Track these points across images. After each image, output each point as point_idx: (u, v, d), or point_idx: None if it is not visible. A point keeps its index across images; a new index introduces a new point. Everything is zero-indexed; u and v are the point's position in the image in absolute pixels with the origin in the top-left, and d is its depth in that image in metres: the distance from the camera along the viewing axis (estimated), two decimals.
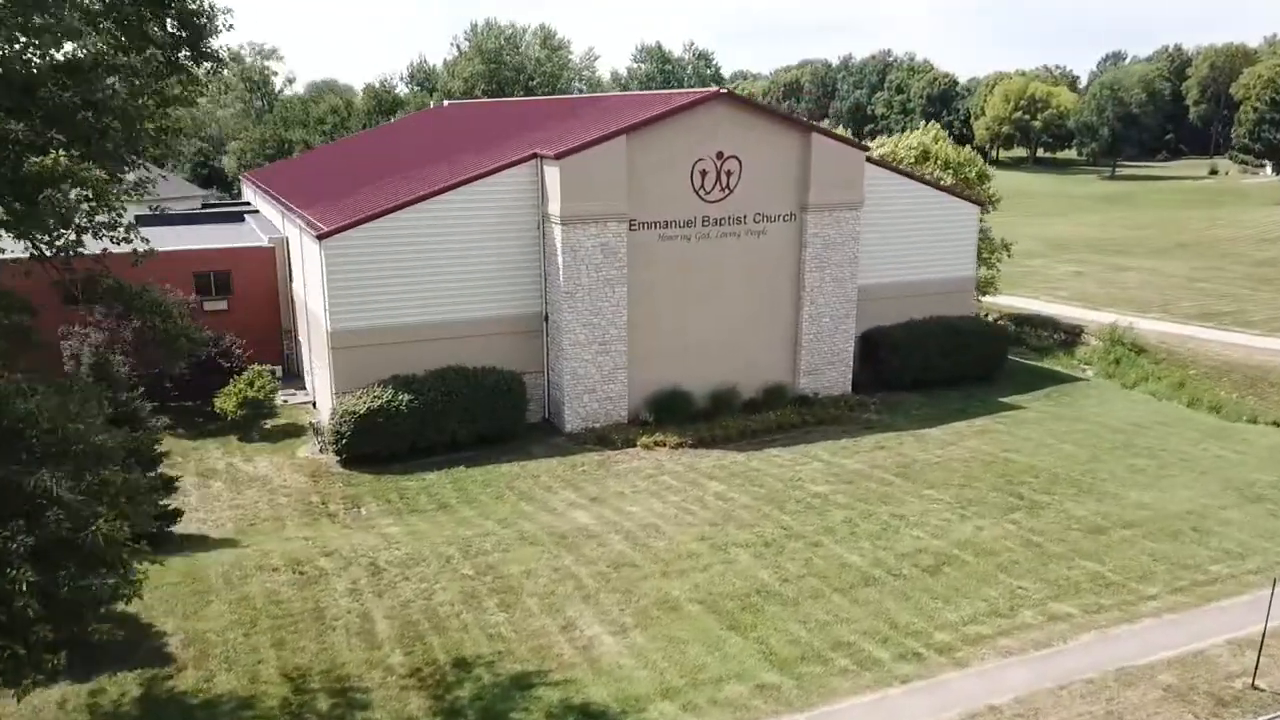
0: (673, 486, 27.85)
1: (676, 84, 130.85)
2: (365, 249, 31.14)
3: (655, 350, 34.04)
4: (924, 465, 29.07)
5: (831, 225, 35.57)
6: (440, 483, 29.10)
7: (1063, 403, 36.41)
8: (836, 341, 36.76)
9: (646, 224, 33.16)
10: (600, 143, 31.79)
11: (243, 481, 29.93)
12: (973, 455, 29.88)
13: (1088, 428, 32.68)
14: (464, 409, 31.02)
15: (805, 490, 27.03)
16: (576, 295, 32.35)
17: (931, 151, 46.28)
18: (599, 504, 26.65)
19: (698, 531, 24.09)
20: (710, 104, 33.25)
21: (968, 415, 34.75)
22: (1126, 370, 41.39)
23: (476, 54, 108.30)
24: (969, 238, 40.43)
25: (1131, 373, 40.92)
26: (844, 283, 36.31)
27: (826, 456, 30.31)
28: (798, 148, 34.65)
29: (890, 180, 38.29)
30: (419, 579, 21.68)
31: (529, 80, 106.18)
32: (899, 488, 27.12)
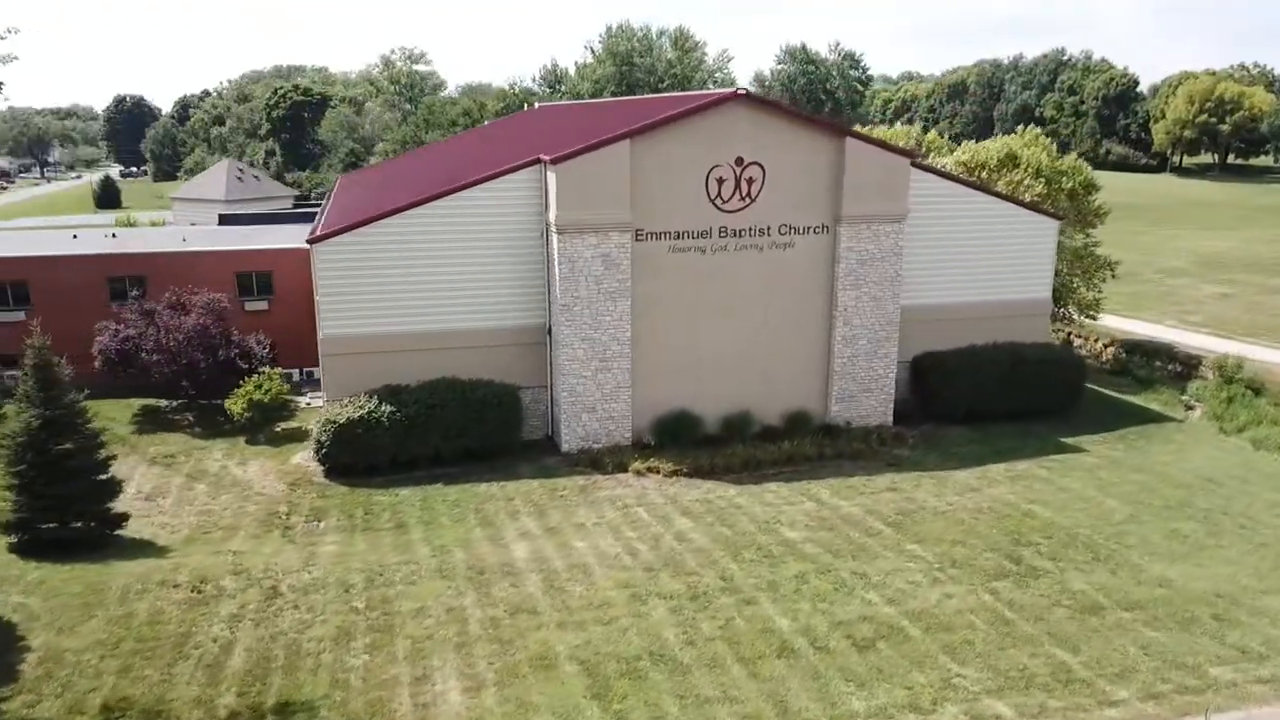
0: (639, 521, 25.68)
1: (820, 85, 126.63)
2: (357, 255, 30.41)
3: (663, 369, 31.84)
4: (927, 514, 25.71)
5: (869, 239, 32.33)
6: (410, 500, 27.98)
7: (1135, 447, 31.80)
8: (875, 367, 33.44)
9: (655, 234, 31.00)
10: (600, 147, 29.89)
11: (225, 486, 29.76)
12: (990, 505, 26.24)
13: (1145, 479, 28.24)
14: (449, 423, 29.80)
15: (776, 536, 24.30)
16: (574, 308, 30.57)
17: (1021, 157, 41.78)
18: (550, 536, 24.82)
19: (627, 577, 21.88)
20: (727, 106, 30.74)
21: (1014, 456, 30.83)
22: (1237, 411, 35.93)
23: (609, 56, 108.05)
24: (1044, 256, 36.11)
25: (1242, 415, 35.44)
26: (883, 303, 32.96)
27: (825, 496, 27.35)
28: (830, 153, 31.65)
29: (949, 191, 34.60)
30: (307, 608, 20.49)
31: (658, 82, 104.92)
32: (882, 539, 23.98)
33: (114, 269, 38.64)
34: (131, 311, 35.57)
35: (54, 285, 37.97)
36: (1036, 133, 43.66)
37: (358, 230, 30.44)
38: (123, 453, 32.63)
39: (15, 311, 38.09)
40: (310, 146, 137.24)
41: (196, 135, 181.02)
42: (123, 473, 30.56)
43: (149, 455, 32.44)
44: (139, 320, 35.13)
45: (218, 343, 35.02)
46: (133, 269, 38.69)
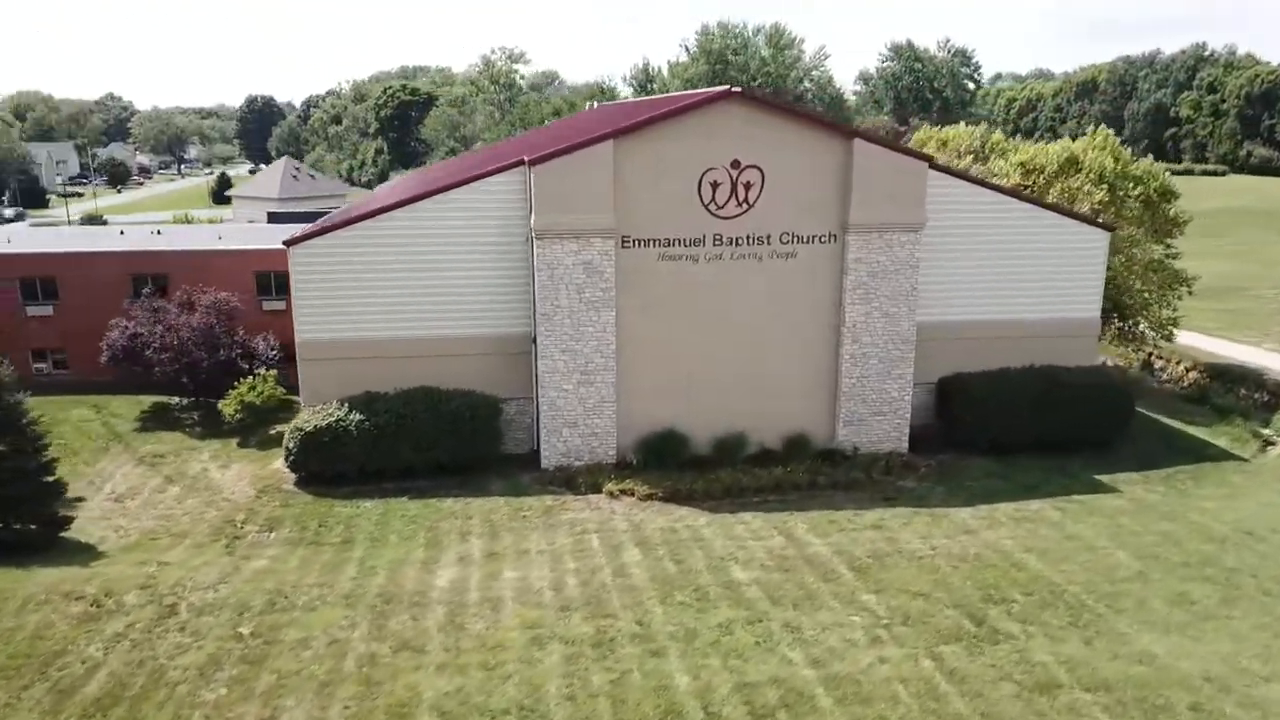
0: (587, 551, 23.93)
1: (927, 84, 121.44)
2: (335, 259, 29.61)
3: (650, 385, 29.95)
4: (902, 558, 23.09)
5: (881, 250, 29.67)
6: (370, 514, 26.99)
7: (1178, 489, 28.20)
8: (887, 389, 30.72)
9: (643, 241, 29.15)
10: (581, 148, 28.23)
11: (198, 489, 29.44)
12: (978, 552, 23.41)
13: (1172, 529, 24.81)
14: (419, 435, 28.67)
15: (722, 576, 22.16)
16: (555, 318, 29.01)
17: (1083, 162, 38.03)
18: (487, 562, 23.34)
19: (537, 616, 20.16)
20: (721, 105, 28.62)
21: (1033, 494, 27.72)
22: None
23: (702, 55, 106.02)
24: (1092, 270, 32.57)
25: None
26: (897, 319, 30.22)
27: (800, 531, 25.00)
28: (837, 156, 29.15)
29: (980, 197, 31.52)
30: (193, 631, 19.55)
31: (750, 81, 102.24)
32: (837, 586, 21.56)
33: (136, 267, 39.11)
34: (141, 309, 35.81)
35: (80, 282, 38.70)
36: (1106, 134, 39.69)
37: (334, 233, 29.65)
38: (115, 450, 32.90)
39: (45, 306, 38.96)
40: (415, 145, 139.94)
41: (317, 134, 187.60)
42: (108, 471, 30.82)
43: (140, 454, 32.50)
44: (146, 317, 35.31)
45: (221, 342, 34.90)
46: (154, 267, 39.10)
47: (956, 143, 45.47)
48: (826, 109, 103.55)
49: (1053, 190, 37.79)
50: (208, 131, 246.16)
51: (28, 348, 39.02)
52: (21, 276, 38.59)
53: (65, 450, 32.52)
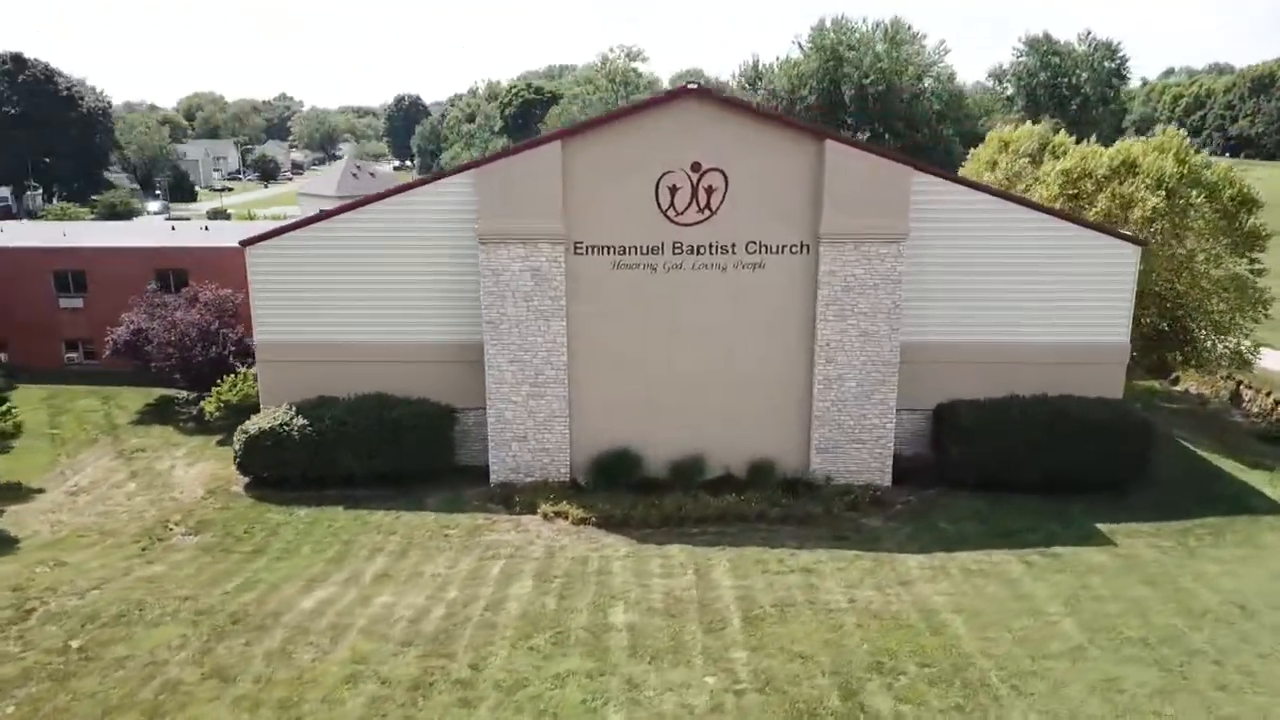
0: (480, 579, 22.54)
1: (1064, 80, 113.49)
2: (291, 260, 29.23)
3: (606, 401, 28.24)
4: (808, 610, 20.61)
5: (857, 262, 26.97)
6: (299, 522, 26.44)
7: (1186, 546, 24.39)
8: (866, 414, 27.96)
9: (596, 248, 27.44)
10: (528, 149, 26.78)
11: (156, 486, 29.63)
12: (901, 609, 20.67)
13: (1147, 597, 21.29)
14: (361, 442, 27.92)
15: (600, 617, 20.32)
16: (501, 326, 27.69)
17: (1141, 165, 33.79)
18: (374, 584, 22.27)
19: (373, 650, 18.88)
20: (679, 103, 26.57)
21: (1009, 541, 24.56)
22: None
23: (815, 51, 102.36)
24: (1119, 289, 28.71)
25: None
26: (876, 338, 27.43)
27: (720, 570, 22.83)
28: (808, 160, 26.64)
29: (979, 205, 28.24)
30: (26, 641, 19.21)
31: (863, 78, 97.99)
32: (715, 639, 19.36)
33: (160, 262, 40.08)
34: (145, 303, 36.58)
35: (108, 275, 39.94)
36: (1175, 133, 35.20)
37: (290, 234, 29.26)
38: (103, 443, 33.60)
39: (75, 298, 40.44)
40: None
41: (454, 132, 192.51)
42: (84, 463, 31.42)
43: (124, 447, 33.07)
44: (151, 312, 36.03)
45: (216, 338, 35.22)
46: (176, 262, 39.97)
47: (1018, 144, 41.46)
48: (945, 107, 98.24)
49: (1101, 197, 33.76)
50: (363, 130, 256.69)
51: (60, 338, 40.62)
52: (55, 270, 40.12)
53: (55, 440, 33.56)
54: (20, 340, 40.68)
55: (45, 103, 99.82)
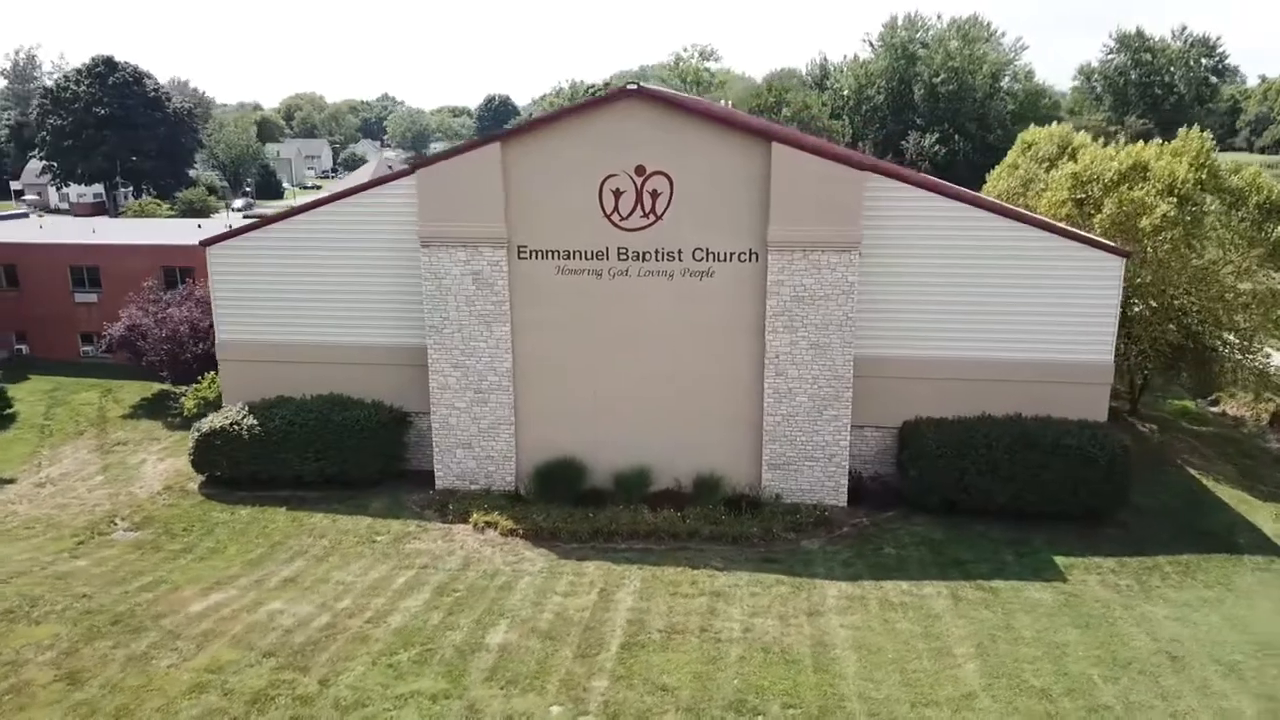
0: (381, 589, 22.18)
1: (1156, 78, 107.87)
2: (250, 260, 29.45)
3: (552, 409, 27.58)
4: (695, 638, 19.58)
5: (807, 272, 25.69)
6: (238, 521, 26.60)
7: (1147, 586, 22.38)
8: (819, 430, 26.63)
9: (540, 252, 26.80)
10: (468, 150, 26.32)
11: (120, 480, 30.20)
12: (794, 642, 19.45)
13: (1074, 641, 19.53)
14: (308, 444, 27.91)
15: (476, 637, 19.69)
16: (444, 330, 27.30)
17: (1151, 169, 31.39)
18: (278, 589, 22.14)
19: (234, 659, 18.63)
20: (621, 104, 25.71)
21: (952, 572, 23.00)
22: None
23: (886, 50, 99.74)
24: (1102, 304, 26.64)
25: None
26: (828, 351, 26.09)
27: (627, 590, 21.95)
28: (755, 163, 25.47)
29: (945, 211, 26.55)
30: None
31: (933, 77, 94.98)
32: (581, 665, 18.51)
33: (167, 260, 41.01)
34: (142, 299, 37.44)
35: (120, 272, 41.07)
36: (1197, 135, 32.64)
37: (247, 234, 29.46)
38: (88, 435, 34.47)
39: (90, 293, 41.75)
40: None
41: None
42: (63, 455, 32.26)
43: (106, 440, 33.86)
44: (142, 308, 36.86)
45: (206, 335, 35.78)
46: (182, 260, 40.81)
47: (1039, 146, 39.16)
48: (1020, 107, 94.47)
49: (1108, 202, 31.52)
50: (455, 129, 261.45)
51: (76, 331, 41.98)
52: (71, 265, 41.48)
53: (44, 432, 34.58)
54: (40, 333, 42.23)
55: (134, 104, 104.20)
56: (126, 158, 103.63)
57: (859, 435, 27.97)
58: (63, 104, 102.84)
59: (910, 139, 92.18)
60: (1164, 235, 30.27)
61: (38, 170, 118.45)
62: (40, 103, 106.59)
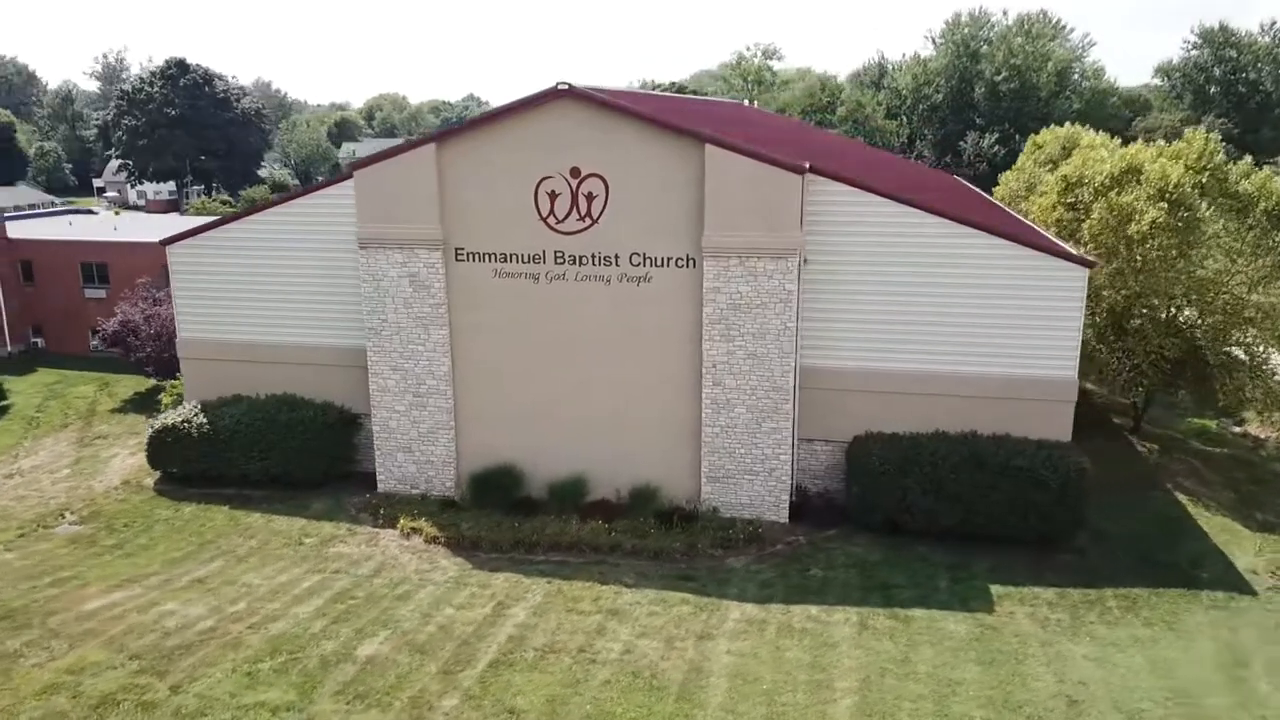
0: (282, 592, 22.07)
1: (1240, 75, 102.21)
2: (208, 260, 29.81)
3: (491, 415, 27.17)
4: (569, 658, 18.87)
5: (743, 279, 24.73)
6: (178, 519, 26.92)
7: (1080, 621, 20.79)
8: (759, 444, 25.63)
9: (477, 255, 26.40)
10: (403, 152, 26.05)
11: (85, 474, 30.88)
12: (670, 667, 18.60)
13: (972, 679, 18.22)
14: (253, 443, 28.05)
15: (347, 647, 19.37)
16: (383, 333, 27.13)
17: (1145, 172, 29.39)
18: (186, 588, 22.24)
19: (100, 661, 18.65)
20: (555, 105, 25.08)
21: (877, 600, 21.75)
22: None
23: (948, 47, 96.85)
24: (1065, 317, 24.98)
25: None
26: (766, 361, 25.07)
27: (523, 606, 21.38)
28: (690, 166, 24.60)
29: (906, 219, 25.21)
30: None
31: (994, 75, 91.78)
32: (441, 684, 17.99)
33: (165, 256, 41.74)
34: (136, 296, 38.29)
35: (127, 268, 42.14)
36: (1200, 135, 30.49)
37: (205, 234, 29.75)
38: (73, 428, 35.37)
39: (99, 289, 42.92)
40: None
41: None
42: (42, 447, 33.13)
43: (89, 433, 34.71)
44: (134, 304, 37.69)
45: None
46: None
47: (1045, 148, 37.21)
48: (1086, 106, 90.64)
49: (1096, 207, 29.67)
50: None
51: (87, 326, 43.20)
52: (81, 261, 42.70)
53: (32, 424, 35.58)
54: (53, 327, 43.62)
55: (204, 105, 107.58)
56: (195, 157, 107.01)
57: (808, 449, 26.87)
58: (137, 105, 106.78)
59: (969, 139, 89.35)
60: (1152, 243, 28.32)
61: (115, 169, 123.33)
62: (117, 103, 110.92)
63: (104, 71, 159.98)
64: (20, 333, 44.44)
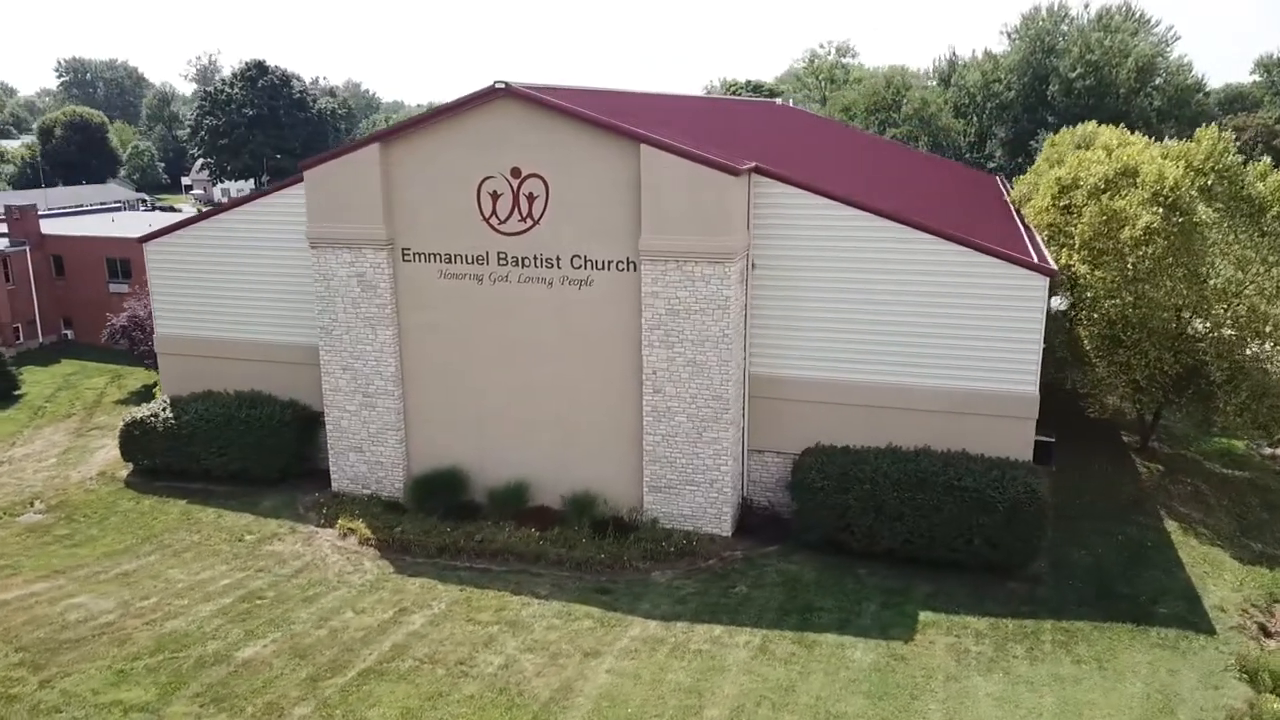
0: (197, 589, 22.21)
1: None
2: (181, 257, 30.33)
3: (438, 417, 26.95)
4: (442, 672, 18.42)
5: (681, 283, 23.90)
6: (136, 511, 27.45)
7: (1005, 654, 19.39)
8: (700, 454, 24.76)
9: (423, 255, 26.19)
10: (348, 152, 25.99)
11: (68, 464, 31.78)
12: (543, 685, 17.98)
13: (852, 713, 17.14)
14: (213, 438, 28.43)
15: (229, 649, 19.31)
16: (334, 332, 27.14)
17: (1141, 173, 27.38)
18: (110, 581, 22.63)
19: None
20: (495, 104, 24.64)
21: (794, 624, 20.71)
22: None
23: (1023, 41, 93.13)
24: (1026, 328, 23.42)
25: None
26: (706, 369, 24.19)
27: (424, 614, 21.02)
28: (627, 167, 23.89)
29: (858, 223, 24.01)
30: None
31: (1069, 71, 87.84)
32: (302, 691, 17.72)
33: None
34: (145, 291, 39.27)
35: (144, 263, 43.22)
36: (1212, 133, 28.28)
37: (177, 232, 30.26)
38: (75, 418, 36.48)
39: (123, 284, 44.29)
40: None
41: None
42: (40, 436, 34.25)
43: (88, 424, 35.75)
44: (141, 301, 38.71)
45: None
46: None
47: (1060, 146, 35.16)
48: (1168, 104, 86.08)
49: (1087, 211, 27.80)
50: None
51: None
52: (106, 257, 44.13)
53: (38, 413, 36.83)
54: (82, 320, 45.22)
55: (280, 105, 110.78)
56: (271, 155, 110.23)
57: (759, 460, 25.90)
58: (219, 105, 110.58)
59: (1040, 138, 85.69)
60: (1144, 251, 26.39)
61: (199, 167, 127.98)
62: (200, 104, 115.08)
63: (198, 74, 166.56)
64: (52, 325, 46.21)
